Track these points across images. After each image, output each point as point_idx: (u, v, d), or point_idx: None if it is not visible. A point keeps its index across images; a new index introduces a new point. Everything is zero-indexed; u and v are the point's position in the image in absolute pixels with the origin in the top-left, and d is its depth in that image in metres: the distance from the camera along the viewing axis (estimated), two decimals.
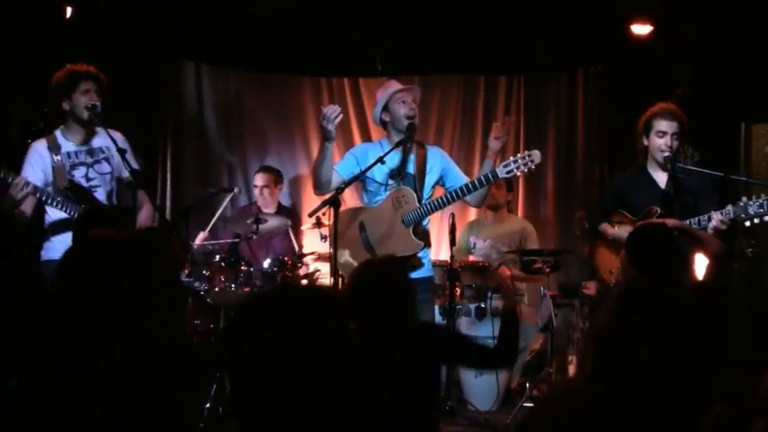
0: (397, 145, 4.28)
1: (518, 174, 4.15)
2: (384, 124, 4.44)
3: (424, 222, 4.33)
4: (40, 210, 4.10)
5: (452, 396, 4.88)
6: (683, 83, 5.53)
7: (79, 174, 4.15)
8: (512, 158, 4.17)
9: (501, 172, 4.16)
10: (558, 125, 6.53)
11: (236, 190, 6.01)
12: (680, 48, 5.69)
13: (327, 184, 4.28)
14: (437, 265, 5.05)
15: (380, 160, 4.18)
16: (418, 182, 4.33)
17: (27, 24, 4.96)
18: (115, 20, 5.44)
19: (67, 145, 4.16)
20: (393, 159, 4.31)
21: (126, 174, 4.14)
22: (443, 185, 4.45)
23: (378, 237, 4.31)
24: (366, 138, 6.18)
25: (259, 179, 5.94)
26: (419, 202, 4.27)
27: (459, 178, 4.41)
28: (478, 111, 6.60)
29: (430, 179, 4.40)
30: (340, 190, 4.12)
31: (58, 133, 4.18)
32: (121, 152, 3.94)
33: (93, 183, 4.17)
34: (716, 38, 5.46)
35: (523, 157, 4.13)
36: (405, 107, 4.33)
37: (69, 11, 5.18)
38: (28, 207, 3.99)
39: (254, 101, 6.61)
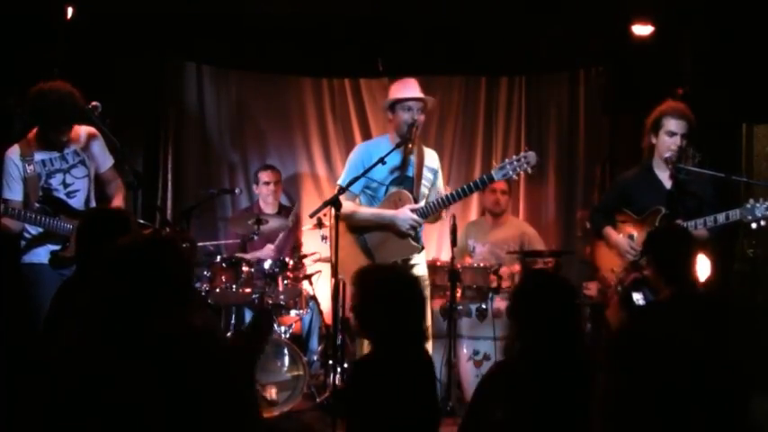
0: (398, 146, 4.29)
1: (513, 176, 4.14)
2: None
3: None
4: None
5: (453, 396, 4.86)
6: (684, 83, 5.52)
7: (56, 181, 4.08)
8: (507, 160, 4.17)
9: (497, 175, 4.15)
10: (559, 126, 6.52)
11: (237, 190, 6.01)
12: (680, 48, 5.69)
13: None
14: (438, 266, 5.05)
15: (381, 161, 4.19)
16: (416, 185, 4.33)
17: (29, 25, 4.96)
18: (117, 21, 5.44)
19: (41, 153, 4.06)
20: (394, 159, 4.31)
21: (102, 170, 4.20)
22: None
23: (376, 240, 4.30)
24: (367, 139, 6.18)
25: (267, 176, 5.95)
26: (415, 203, 4.26)
27: (438, 188, 4.45)
28: (480, 111, 6.59)
29: (426, 182, 4.41)
30: (341, 190, 4.12)
31: (31, 138, 4.07)
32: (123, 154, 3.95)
33: (71, 188, 4.11)
34: (716, 38, 5.46)
35: (519, 159, 4.12)
36: (407, 115, 4.33)
37: (70, 11, 5.17)
38: (14, 225, 3.97)
39: (255, 102, 6.61)
